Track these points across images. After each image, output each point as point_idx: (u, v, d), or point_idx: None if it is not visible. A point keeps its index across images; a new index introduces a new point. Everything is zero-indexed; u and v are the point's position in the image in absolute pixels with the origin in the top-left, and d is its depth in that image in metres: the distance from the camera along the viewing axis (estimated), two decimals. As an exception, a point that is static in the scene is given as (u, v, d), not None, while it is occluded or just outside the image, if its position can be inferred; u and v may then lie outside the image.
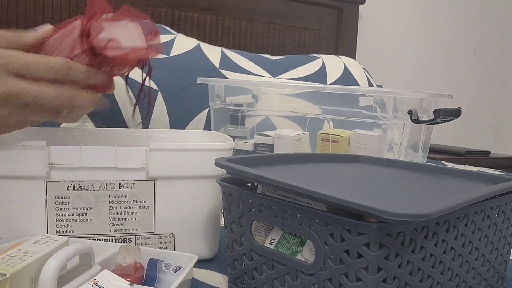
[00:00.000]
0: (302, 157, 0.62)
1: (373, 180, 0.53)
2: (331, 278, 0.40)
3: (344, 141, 0.93)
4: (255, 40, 1.86)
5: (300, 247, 0.46)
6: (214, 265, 0.58)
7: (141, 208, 0.55)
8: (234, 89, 1.15)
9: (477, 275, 0.49)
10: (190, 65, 1.38)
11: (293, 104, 1.08)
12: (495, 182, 0.55)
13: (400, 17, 2.26)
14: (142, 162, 0.54)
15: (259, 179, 0.44)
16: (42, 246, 0.44)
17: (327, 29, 2.01)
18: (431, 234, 0.41)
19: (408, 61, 2.31)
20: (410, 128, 0.96)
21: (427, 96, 0.96)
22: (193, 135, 0.73)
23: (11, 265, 0.40)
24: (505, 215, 0.52)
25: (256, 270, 0.48)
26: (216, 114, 1.18)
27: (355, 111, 0.97)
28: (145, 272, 0.49)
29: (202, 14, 1.74)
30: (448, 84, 2.43)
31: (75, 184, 0.53)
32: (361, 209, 0.36)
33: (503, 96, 2.60)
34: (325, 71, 1.61)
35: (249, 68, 1.49)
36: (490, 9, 2.49)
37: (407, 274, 0.40)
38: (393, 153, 0.95)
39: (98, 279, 0.40)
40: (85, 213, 0.54)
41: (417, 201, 0.43)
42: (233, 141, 0.60)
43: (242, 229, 0.49)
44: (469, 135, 2.52)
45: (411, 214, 0.35)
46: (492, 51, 2.53)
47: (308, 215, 0.42)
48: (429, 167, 0.63)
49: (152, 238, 0.56)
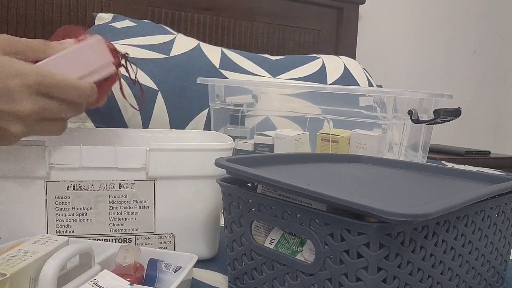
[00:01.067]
0: (302, 157, 0.62)
1: (373, 180, 0.53)
2: (331, 278, 0.40)
3: (344, 141, 0.93)
4: (255, 40, 1.86)
5: (300, 247, 0.46)
6: (214, 265, 0.58)
7: (141, 208, 0.55)
8: (234, 89, 1.15)
9: (477, 275, 0.49)
10: (190, 65, 1.38)
11: (293, 104, 1.08)
12: (495, 182, 0.55)
13: (400, 17, 2.26)
14: (142, 162, 0.54)
15: (259, 179, 0.44)
16: (42, 246, 0.44)
17: (327, 29, 2.01)
18: (431, 234, 0.41)
19: (408, 61, 2.31)
20: (410, 128, 0.96)
21: (427, 96, 0.96)
22: (193, 135, 0.73)
23: (11, 265, 0.40)
24: (505, 215, 0.52)
25: (256, 270, 0.48)
26: (216, 114, 1.18)
27: (355, 111, 0.97)
28: (145, 272, 0.49)
29: (202, 14, 1.74)
30: (448, 84, 2.43)
31: (75, 184, 0.53)
32: (361, 209, 0.36)
33: (503, 96, 2.60)
34: (325, 71, 1.61)
35: (249, 68, 1.49)
36: (490, 9, 2.49)
37: (407, 274, 0.40)
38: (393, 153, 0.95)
39: (98, 279, 0.40)
40: (85, 213, 0.54)
41: (417, 201, 0.43)
42: (233, 141, 0.60)
43: (242, 229, 0.49)
44: (469, 135, 2.52)
45: (411, 214, 0.35)
46: (492, 51, 2.53)
47: (308, 215, 0.42)
48: (429, 167, 0.63)
49: (152, 238, 0.56)
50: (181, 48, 1.41)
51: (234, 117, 1.12)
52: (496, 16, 2.51)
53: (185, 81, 1.35)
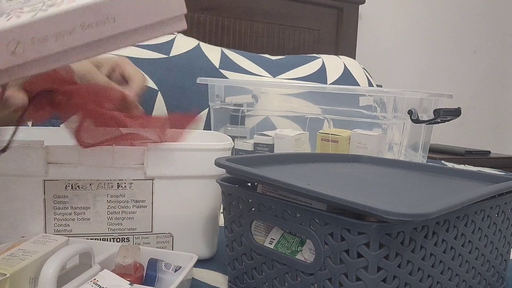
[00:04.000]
0: (302, 157, 0.62)
1: (373, 180, 0.53)
2: (331, 278, 0.40)
3: (344, 141, 0.93)
4: (255, 40, 1.86)
5: (300, 246, 0.46)
6: (213, 264, 0.58)
7: (139, 207, 0.55)
8: (234, 89, 1.15)
9: (477, 274, 0.49)
10: (190, 65, 1.38)
11: (293, 104, 1.08)
12: (495, 182, 0.55)
13: (400, 17, 2.26)
14: (140, 161, 0.54)
15: (259, 178, 0.44)
16: (42, 246, 0.44)
17: (327, 29, 2.01)
18: (431, 234, 0.41)
19: (408, 61, 2.31)
20: (410, 128, 0.96)
21: (427, 96, 0.96)
22: (193, 135, 0.73)
23: (11, 265, 0.40)
24: (505, 215, 0.52)
25: (256, 270, 0.48)
26: (216, 114, 1.18)
27: (355, 111, 0.97)
28: (145, 272, 0.48)
29: (202, 14, 1.74)
30: (448, 84, 2.43)
31: (73, 183, 0.53)
32: (361, 208, 0.36)
33: (503, 96, 2.60)
34: (325, 71, 1.61)
35: (249, 68, 1.49)
36: (491, 9, 2.49)
37: (407, 274, 0.40)
38: (393, 153, 0.95)
39: (98, 279, 0.40)
40: (83, 212, 0.54)
41: (417, 201, 0.43)
42: (232, 141, 0.60)
43: (242, 228, 0.49)
44: (469, 135, 2.52)
45: (411, 214, 0.35)
46: (492, 51, 2.53)
47: (308, 215, 0.42)
48: (429, 167, 0.63)
49: (150, 238, 0.56)
50: (181, 48, 1.41)
51: (234, 117, 1.12)
52: (497, 16, 2.51)
53: (185, 81, 1.35)
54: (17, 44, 0.39)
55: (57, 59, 0.42)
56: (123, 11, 0.42)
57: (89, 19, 0.42)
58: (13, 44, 0.39)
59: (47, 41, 0.41)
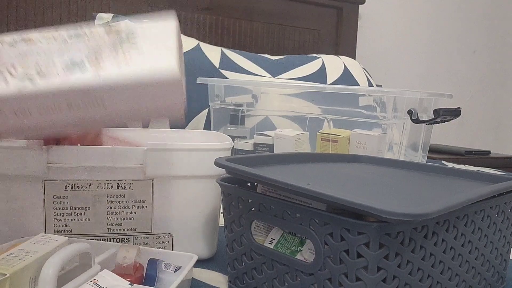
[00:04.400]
0: (302, 157, 0.62)
1: (373, 180, 0.53)
2: (331, 278, 0.40)
3: (344, 141, 0.93)
4: (255, 40, 1.86)
5: (300, 246, 0.46)
6: (213, 265, 0.58)
7: (139, 208, 0.55)
8: (234, 89, 1.15)
9: (476, 274, 0.49)
10: (190, 65, 1.38)
11: (293, 104, 1.08)
12: (495, 182, 0.55)
13: (400, 17, 2.26)
14: (140, 161, 0.54)
15: (259, 179, 0.44)
16: (42, 246, 0.44)
17: (327, 29, 2.01)
18: (430, 234, 0.41)
19: (408, 61, 2.31)
20: (410, 128, 0.96)
21: (427, 96, 0.96)
22: (193, 135, 0.73)
23: (10, 264, 0.40)
24: (504, 215, 0.52)
25: (256, 270, 0.48)
26: (216, 114, 1.18)
27: (355, 111, 0.97)
28: (145, 272, 0.48)
29: (202, 14, 1.74)
30: (448, 84, 2.43)
31: (73, 183, 0.53)
32: (361, 208, 0.36)
33: (503, 96, 2.60)
34: (325, 71, 1.61)
35: (249, 68, 1.49)
36: (491, 9, 2.49)
37: (406, 274, 0.40)
38: (393, 153, 0.95)
39: (98, 279, 0.40)
40: (83, 212, 0.54)
41: (417, 201, 0.43)
42: (232, 141, 0.60)
43: (242, 228, 0.49)
44: (469, 135, 2.52)
45: (411, 214, 0.35)
46: (492, 51, 2.53)
47: (308, 215, 0.42)
48: (429, 167, 0.63)
49: (149, 238, 0.56)
50: (181, 48, 1.41)
51: (234, 117, 1.12)
52: (497, 16, 2.51)
53: (185, 81, 1.35)
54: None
55: (41, 130, 0.43)
56: (114, 96, 0.41)
57: (77, 100, 0.41)
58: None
59: (30, 114, 0.41)
